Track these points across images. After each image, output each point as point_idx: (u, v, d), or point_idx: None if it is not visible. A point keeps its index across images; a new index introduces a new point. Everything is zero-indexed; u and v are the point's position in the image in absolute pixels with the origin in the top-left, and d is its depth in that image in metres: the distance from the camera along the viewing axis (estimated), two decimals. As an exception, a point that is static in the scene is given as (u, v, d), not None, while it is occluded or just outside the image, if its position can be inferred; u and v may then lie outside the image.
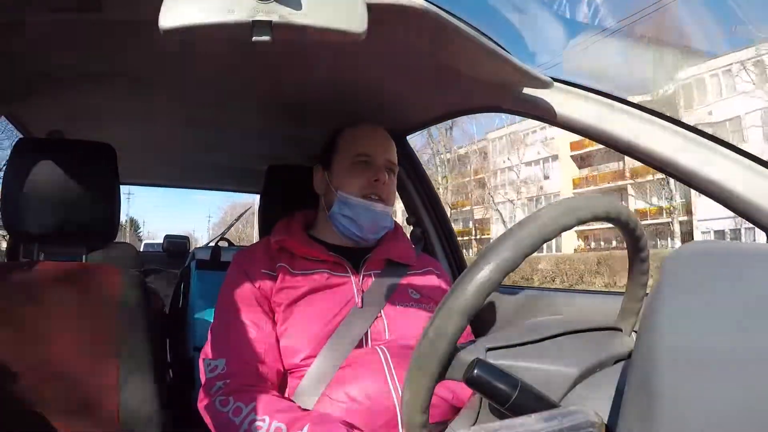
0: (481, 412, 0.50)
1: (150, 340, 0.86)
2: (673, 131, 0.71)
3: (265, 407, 0.75)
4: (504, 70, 0.79)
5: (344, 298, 0.89)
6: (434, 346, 0.43)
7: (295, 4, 0.53)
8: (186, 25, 0.52)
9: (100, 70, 1.01)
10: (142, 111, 1.28)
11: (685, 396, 0.28)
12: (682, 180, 0.71)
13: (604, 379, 0.45)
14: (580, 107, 0.79)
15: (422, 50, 0.80)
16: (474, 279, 0.42)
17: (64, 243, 0.93)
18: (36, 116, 1.25)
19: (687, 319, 0.31)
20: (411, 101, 1.13)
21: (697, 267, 0.34)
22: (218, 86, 1.10)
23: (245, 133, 1.46)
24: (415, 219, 1.40)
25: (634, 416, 0.31)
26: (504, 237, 0.44)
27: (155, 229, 34.95)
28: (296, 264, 0.91)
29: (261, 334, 0.85)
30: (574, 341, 0.50)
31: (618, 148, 0.78)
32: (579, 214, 0.45)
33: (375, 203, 0.92)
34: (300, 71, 1.00)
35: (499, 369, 0.44)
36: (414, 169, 1.42)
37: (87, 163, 0.92)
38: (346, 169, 0.95)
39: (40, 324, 0.79)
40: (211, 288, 1.54)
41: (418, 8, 0.63)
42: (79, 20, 0.77)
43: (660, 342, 0.31)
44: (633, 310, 0.58)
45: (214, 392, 0.79)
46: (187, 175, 2.16)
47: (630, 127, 0.74)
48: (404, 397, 0.45)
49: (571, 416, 0.39)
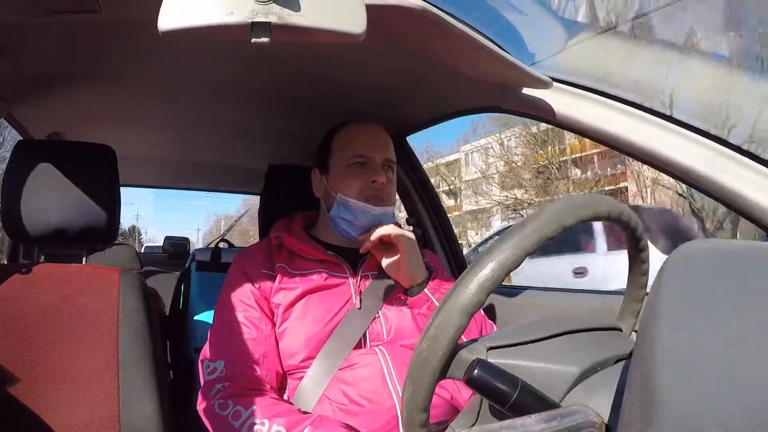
0: (481, 412, 0.50)
1: (150, 342, 0.86)
2: (673, 131, 0.71)
3: (264, 411, 0.75)
4: (504, 71, 0.79)
5: (342, 299, 0.89)
6: (435, 345, 0.43)
7: (294, 5, 0.53)
8: (185, 26, 0.52)
9: (100, 71, 1.01)
10: (142, 112, 1.28)
11: (685, 396, 0.28)
12: (682, 179, 0.71)
13: (605, 380, 0.45)
14: (580, 107, 0.79)
15: (422, 50, 0.80)
16: (475, 278, 0.42)
17: (64, 244, 0.93)
18: (36, 118, 1.25)
19: (687, 319, 0.31)
20: (411, 102, 1.13)
21: (697, 267, 0.34)
22: (218, 86, 1.10)
23: (245, 133, 1.46)
24: (415, 219, 1.40)
25: (634, 416, 0.31)
26: (507, 235, 0.44)
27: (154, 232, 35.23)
28: (295, 264, 0.91)
29: (260, 335, 0.85)
30: (574, 341, 0.50)
31: (618, 148, 0.77)
32: (580, 213, 0.45)
33: (374, 206, 0.91)
34: (300, 72, 1.00)
35: (500, 369, 0.44)
36: (414, 169, 1.42)
37: (87, 165, 0.92)
38: (343, 172, 0.93)
39: (39, 326, 0.79)
40: (211, 289, 1.54)
41: (417, 8, 0.63)
42: (79, 21, 0.77)
43: (660, 342, 0.31)
44: (633, 310, 0.58)
45: (213, 395, 0.79)
46: (187, 175, 2.16)
47: (630, 127, 0.74)
48: (404, 395, 0.45)
49: (572, 416, 0.39)
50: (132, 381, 0.81)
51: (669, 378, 0.29)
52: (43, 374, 0.77)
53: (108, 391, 0.79)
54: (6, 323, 0.78)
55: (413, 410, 0.45)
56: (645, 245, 0.53)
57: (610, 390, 0.42)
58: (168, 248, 3.98)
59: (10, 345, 0.77)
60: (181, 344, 1.59)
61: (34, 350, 0.78)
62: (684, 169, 0.69)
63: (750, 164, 0.65)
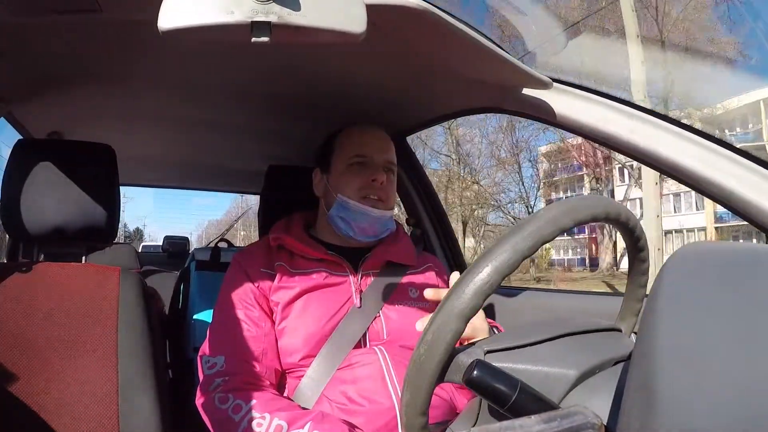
0: (480, 413, 0.50)
1: (149, 341, 0.86)
2: (673, 132, 0.71)
3: (265, 405, 0.75)
4: (504, 71, 0.78)
5: (343, 298, 0.89)
6: (432, 350, 0.43)
7: (294, 4, 0.53)
8: (185, 26, 0.52)
9: (100, 70, 1.01)
10: (142, 111, 1.28)
11: (684, 397, 0.28)
12: (682, 180, 0.71)
13: (604, 381, 0.45)
14: (580, 107, 0.79)
15: (422, 50, 0.80)
16: (473, 281, 0.42)
17: (63, 244, 0.93)
18: (36, 117, 1.25)
19: (687, 319, 0.31)
20: (411, 101, 1.13)
21: (697, 267, 0.34)
22: (218, 86, 1.10)
23: (245, 133, 1.46)
24: (414, 219, 1.40)
25: (634, 417, 0.31)
26: (503, 239, 0.43)
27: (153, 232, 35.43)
28: (295, 263, 0.91)
29: (260, 333, 0.85)
30: (573, 343, 0.50)
31: (618, 148, 0.78)
32: (578, 214, 0.45)
33: (373, 208, 0.92)
34: (300, 72, 1.00)
35: (499, 370, 0.44)
36: (413, 169, 1.42)
37: (87, 164, 0.92)
38: (344, 171, 0.94)
39: (39, 325, 0.79)
40: (210, 289, 1.54)
41: (417, 8, 0.63)
42: (79, 21, 0.77)
43: (660, 342, 0.31)
44: (633, 311, 0.58)
45: (213, 389, 0.79)
46: (186, 175, 2.16)
47: (630, 128, 0.74)
48: (404, 398, 0.45)
49: (571, 418, 0.39)
50: (131, 380, 0.81)
51: (669, 378, 0.29)
52: (43, 373, 0.77)
53: (107, 389, 0.79)
54: (5, 322, 0.78)
55: (412, 414, 0.44)
56: (644, 245, 0.53)
57: (610, 391, 0.42)
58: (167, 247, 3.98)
59: (9, 344, 0.77)
60: (181, 343, 1.59)
61: (33, 349, 0.78)
62: (683, 170, 0.69)
63: (749, 165, 0.65)
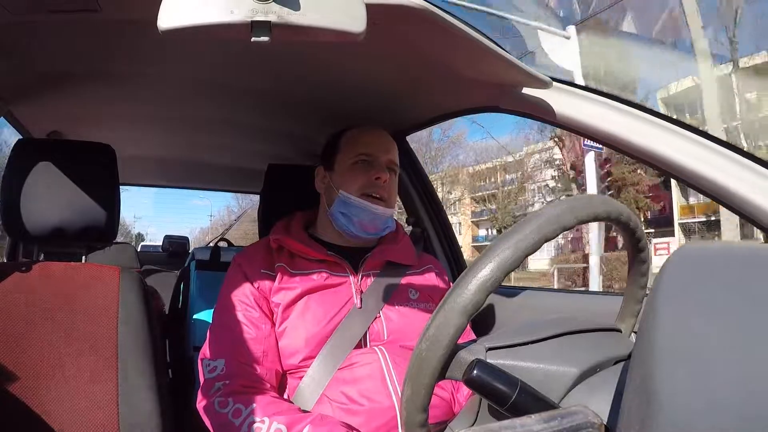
0: (480, 412, 0.50)
1: (149, 340, 0.86)
2: (673, 131, 0.71)
3: (264, 409, 0.75)
4: (503, 70, 0.78)
5: (343, 299, 0.89)
6: (434, 346, 0.43)
7: (294, 4, 0.53)
8: (185, 25, 0.52)
9: (100, 70, 1.01)
10: (142, 111, 1.28)
11: (684, 396, 0.28)
12: (682, 180, 0.71)
13: (604, 380, 0.45)
14: (580, 107, 0.79)
15: (422, 50, 0.80)
16: (475, 278, 0.42)
17: (63, 243, 0.93)
18: (36, 117, 1.25)
19: (687, 319, 0.31)
20: (411, 101, 1.13)
21: (697, 267, 0.34)
22: (218, 86, 1.10)
23: (245, 133, 1.46)
24: (414, 219, 1.40)
25: (634, 417, 0.31)
26: (505, 236, 0.43)
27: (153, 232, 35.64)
28: (295, 264, 0.91)
29: (260, 334, 0.85)
30: (573, 342, 0.50)
31: (618, 148, 0.78)
32: (579, 213, 0.45)
33: (375, 206, 0.92)
34: (300, 71, 1.00)
35: (499, 369, 0.44)
36: (414, 169, 1.42)
37: (87, 164, 0.92)
38: (348, 169, 0.95)
39: (39, 324, 0.79)
40: (210, 288, 1.54)
41: (417, 8, 0.63)
42: (79, 20, 0.77)
43: (660, 342, 0.31)
44: (633, 311, 0.58)
45: (213, 393, 0.79)
46: (186, 175, 2.16)
47: (630, 127, 0.74)
48: (403, 396, 0.45)
49: (571, 417, 0.39)
50: (131, 379, 0.81)
51: (668, 378, 0.29)
52: (43, 372, 0.77)
53: (107, 389, 0.79)
54: (5, 321, 0.78)
55: (412, 410, 0.44)
56: (645, 245, 0.53)
57: (610, 391, 0.42)
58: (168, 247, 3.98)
59: (9, 343, 0.77)
60: (181, 343, 1.59)
61: (33, 348, 0.78)
62: (682, 169, 0.69)
63: (749, 165, 0.65)
